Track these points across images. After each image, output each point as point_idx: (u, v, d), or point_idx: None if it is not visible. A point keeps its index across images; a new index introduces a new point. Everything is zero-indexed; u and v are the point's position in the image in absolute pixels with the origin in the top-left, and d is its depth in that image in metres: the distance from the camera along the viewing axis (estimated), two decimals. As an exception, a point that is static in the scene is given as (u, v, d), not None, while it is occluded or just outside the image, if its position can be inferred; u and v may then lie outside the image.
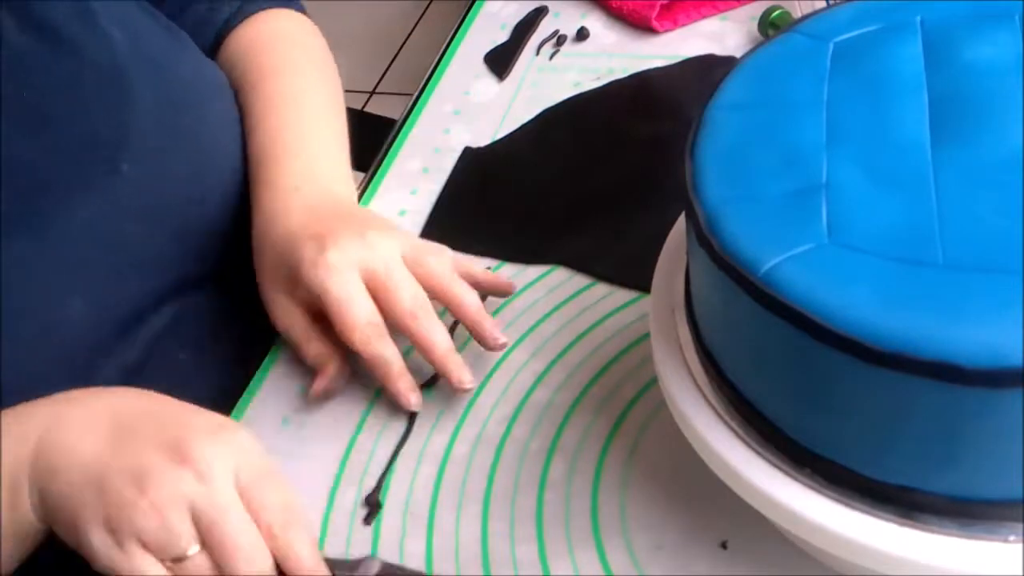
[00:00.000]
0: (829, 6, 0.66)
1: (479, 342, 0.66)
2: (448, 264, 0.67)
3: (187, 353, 0.72)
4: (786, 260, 0.44)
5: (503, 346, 0.66)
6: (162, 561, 0.51)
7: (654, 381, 0.54)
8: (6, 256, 0.62)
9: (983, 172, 0.45)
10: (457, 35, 0.96)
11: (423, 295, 0.65)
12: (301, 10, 0.87)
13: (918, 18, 0.52)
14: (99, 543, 0.51)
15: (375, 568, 0.58)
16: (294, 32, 0.84)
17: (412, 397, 0.65)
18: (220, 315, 0.75)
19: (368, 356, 0.64)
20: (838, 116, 0.49)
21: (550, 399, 0.65)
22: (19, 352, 0.62)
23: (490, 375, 0.68)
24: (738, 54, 0.85)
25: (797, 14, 0.86)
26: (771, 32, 0.84)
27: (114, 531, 0.51)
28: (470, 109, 0.87)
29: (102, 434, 0.53)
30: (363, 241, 0.65)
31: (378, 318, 0.64)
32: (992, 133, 0.46)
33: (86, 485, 0.52)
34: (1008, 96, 0.47)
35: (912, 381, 0.41)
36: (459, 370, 0.64)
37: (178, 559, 0.51)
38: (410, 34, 2.36)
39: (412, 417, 0.66)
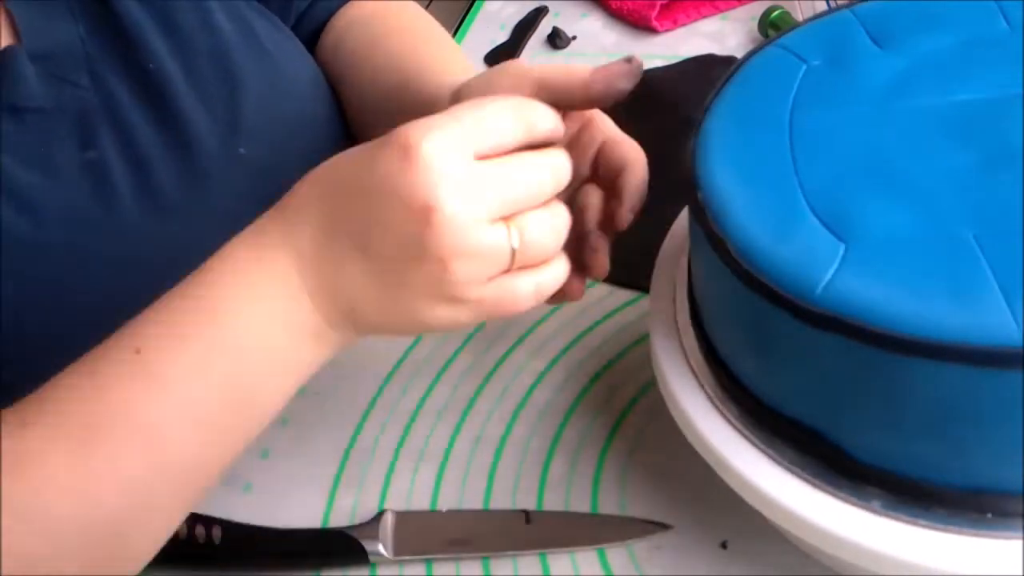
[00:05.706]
0: (830, 7, 0.66)
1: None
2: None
3: None
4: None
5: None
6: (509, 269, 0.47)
7: (654, 381, 0.54)
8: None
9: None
10: (457, 35, 0.96)
11: None
12: None
13: None
14: (447, 317, 0.48)
15: (390, 521, 0.60)
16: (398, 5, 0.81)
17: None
18: None
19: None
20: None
21: (550, 399, 0.65)
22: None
23: (490, 375, 0.68)
24: (738, 54, 0.84)
25: (797, 14, 0.86)
26: (771, 32, 0.84)
27: (450, 299, 0.48)
28: (470, 109, 0.87)
29: (347, 243, 0.49)
30: None
31: None
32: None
33: (381, 298, 0.49)
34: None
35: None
36: None
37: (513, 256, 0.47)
38: (410, 34, 2.36)
39: None
